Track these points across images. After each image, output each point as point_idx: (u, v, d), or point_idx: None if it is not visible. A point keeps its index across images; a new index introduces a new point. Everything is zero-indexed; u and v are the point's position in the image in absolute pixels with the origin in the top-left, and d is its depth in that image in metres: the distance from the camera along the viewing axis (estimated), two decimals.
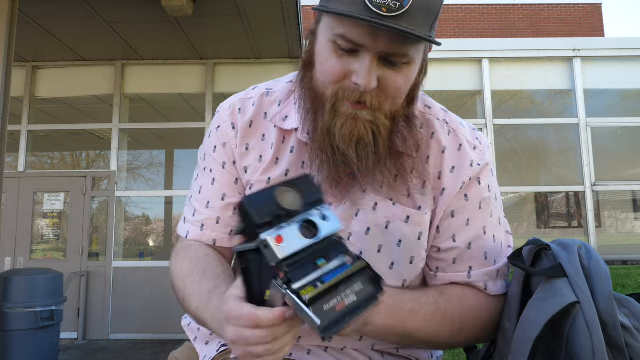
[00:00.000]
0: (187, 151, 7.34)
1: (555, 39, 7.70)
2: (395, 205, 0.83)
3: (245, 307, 0.60)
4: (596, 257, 0.75)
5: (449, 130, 0.88)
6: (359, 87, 0.72)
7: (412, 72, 0.77)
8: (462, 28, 10.47)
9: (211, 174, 0.93)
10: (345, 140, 0.75)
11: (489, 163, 0.88)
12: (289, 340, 0.62)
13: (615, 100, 7.31)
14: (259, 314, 0.59)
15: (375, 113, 0.75)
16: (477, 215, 0.86)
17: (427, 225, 0.84)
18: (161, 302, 5.72)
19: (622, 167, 7.20)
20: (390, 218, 0.83)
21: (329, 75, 0.75)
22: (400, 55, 0.72)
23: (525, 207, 7.19)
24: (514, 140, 7.31)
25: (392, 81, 0.74)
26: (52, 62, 6.15)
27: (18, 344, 3.71)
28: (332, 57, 0.74)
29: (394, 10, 0.68)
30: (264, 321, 0.58)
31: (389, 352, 0.90)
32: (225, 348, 0.90)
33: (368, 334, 0.78)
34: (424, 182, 0.84)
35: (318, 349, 0.85)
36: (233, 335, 0.61)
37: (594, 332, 0.67)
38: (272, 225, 0.60)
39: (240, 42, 5.54)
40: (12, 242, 5.84)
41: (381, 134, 0.76)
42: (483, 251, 0.86)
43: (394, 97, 0.75)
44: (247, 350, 0.61)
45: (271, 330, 0.59)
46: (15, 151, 6.07)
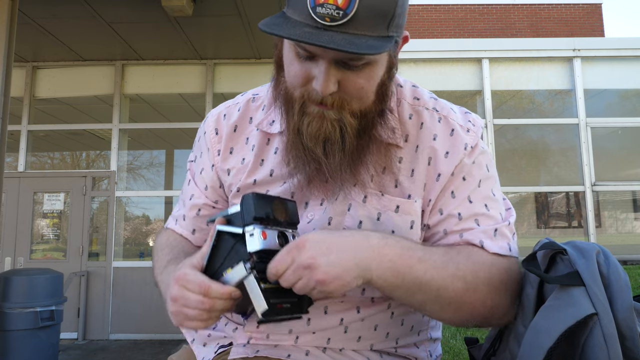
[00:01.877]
0: (187, 151, 7.32)
1: (555, 39, 7.70)
2: (383, 196, 0.84)
3: (201, 276, 0.71)
4: (615, 264, 0.71)
5: (440, 118, 0.87)
6: (318, 93, 0.73)
7: (375, 71, 0.76)
8: (462, 28, 10.47)
9: (191, 176, 1.01)
10: (312, 138, 0.77)
11: (481, 143, 0.88)
12: (216, 315, 0.71)
13: (615, 100, 7.31)
14: (212, 285, 0.69)
15: (342, 112, 0.76)
16: (476, 192, 0.85)
17: (418, 213, 0.84)
18: (161, 302, 5.70)
19: (622, 167, 7.20)
20: (380, 209, 0.83)
21: (294, 79, 0.77)
22: (356, 60, 0.72)
23: (525, 207, 7.19)
24: (514, 140, 7.31)
25: (353, 82, 0.74)
26: (52, 62, 6.15)
27: (18, 344, 3.71)
28: (295, 62, 0.76)
29: (337, 19, 0.67)
30: (213, 292, 0.69)
31: (387, 351, 0.89)
32: (224, 349, 0.90)
33: (376, 281, 0.73)
34: (412, 171, 0.85)
35: (316, 350, 0.84)
36: (177, 293, 0.72)
37: (611, 346, 0.64)
38: (262, 223, 0.71)
39: (240, 42, 5.54)
40: (12, 242, 5.84)
41: (348, 132, 0.77)
42: (474, 218, 0.84)
43: (358, 97, 0.76)
44: (182, 311, 0.72)
45: (212, 302, 0.69)
46: (15, 151, 6.07)
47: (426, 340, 0.95)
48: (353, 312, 0.85)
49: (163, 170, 7.25)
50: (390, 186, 0.85)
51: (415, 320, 0.92)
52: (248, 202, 0.71)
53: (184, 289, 0.71)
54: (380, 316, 0.86)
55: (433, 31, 10.53)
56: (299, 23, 0.69)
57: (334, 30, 0.68)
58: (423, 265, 0.74)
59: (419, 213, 0.84)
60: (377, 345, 0.87)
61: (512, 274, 0.81)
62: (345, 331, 0.85)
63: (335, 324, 0.84)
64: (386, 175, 0.85)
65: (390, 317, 0.87)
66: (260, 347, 0.84)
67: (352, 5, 0.67)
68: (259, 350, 0.83)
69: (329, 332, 0.84)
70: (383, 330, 0.87)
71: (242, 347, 0.85)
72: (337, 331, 0.84)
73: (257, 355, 0.82)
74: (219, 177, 0.95)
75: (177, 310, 0.73)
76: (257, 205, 0.71)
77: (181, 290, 0.71)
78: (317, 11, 0.68)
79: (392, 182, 0.85)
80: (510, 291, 0.79)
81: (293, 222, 0.77)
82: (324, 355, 0.84)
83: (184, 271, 0.73)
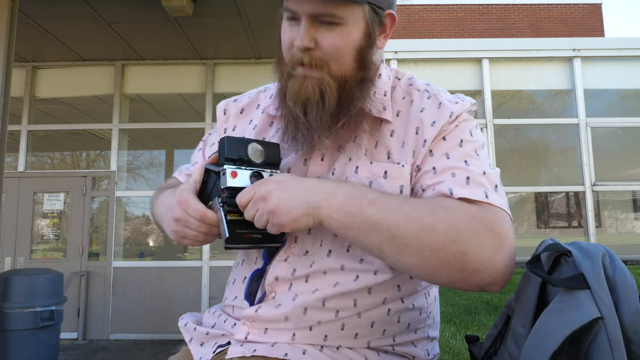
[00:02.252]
0: (187, 151, 7.34)
1: (555, 39, 7.70)
2: (372, 164, 0.87)
3: (199, 204, 0.83)
4: (621, 267, 0.70)
5: (429, 96, 0.92)
6: (298, 49, 0.82)
7: (348, 33, 0.82)
8: (462, 28, 10.47)
9: (202, 146, 1.12)
10: (293, 98, 0.84)
11: (467, 114, 0.90)
12: (210, 239, 0.86)
13: (615, 100, 7.31)
14: (207, 213, 0.82)
15: (322, 73, 0.83)
16: (456, 150, 0.84)
17: (407, 178, 0.86)
18: (161, 302, 5.72)
19: (622, 167, 7.20)
20: (370, 177, 0.87)
21: (285, 45, 0.86)
22: (329, 15, 0.80)
23: (525, 207, 7.19)
24: (514, 140, 7.31)
25: (327, 40, 0.82)
26: (52, 62, 6.15)
27: (18, 344, 3.71)
28: (286, 29, 0.86)
29: None
30: (207, 219, 0.82)
31: (385, 349, 0.89)
32: (222, 349, 0.89)
33: (327, 221, 0.77)
34: (403, 142, 0.89)
35: (313, 349, 0.84)
36: (179, 215, 0.83)
37: (616, 351, 0.62)
38: (235, 163, 0.83)
39: (240, 42, 5.54)
40: (12, 242, 5.84)
41: (328, 93, 0.83)
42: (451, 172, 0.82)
43: (335, 58, 0.83)
44: (182, 230, 0.84)
45: (206, 226, 0.82)
46: (15, 151, 6.07)
47: (424, 338, 0.95)
48: (350, 305, 0.84)
49: (163, 170, 7.25)
50: (382, 158, 0.89)
51: (411, 317, 0.91)
52: (222, 145, 0.83)
53: (185, 212, 0.83)
54: (376, 312, 0.86)
55: (433, 31, 10.53)
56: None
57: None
58: (374, 207, 0.76)
59: (408, 178, 0.86)
60: (374, 343, 0.87)
61: (485, 221, 0.75)
62: (342, 328, 0.85)
63: (331, 317, 0.84)
64: (379, 148, 0.89)
65: (387, 314, 0.87)
66: (257, 345, 0.84)
67: None
68: (256, 349, 0.83)
69: (326, 327, 0.84)
70: (380, 327, 0.87)
71: (239, 347, 0.85)
72: (333, 327, 0.84)
73: (255, 355, 0.82)
74: None
75: (178, 230, 0.85)
76: (229, 148, 0.82)
77: (183, 214, 0.83)
78: None
79: (384, 154, 0.89)
80: (485, 240, 0.74)
81: (273, 163, 0.86)
82: (320, 354, 0.83)
83: (186, 196, 0.84)
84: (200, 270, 5.81)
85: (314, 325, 0.84)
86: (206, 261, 5.82)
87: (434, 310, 0.98)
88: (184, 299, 5.72)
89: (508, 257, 0.75)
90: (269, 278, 0.87)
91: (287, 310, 0.84)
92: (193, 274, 5.81)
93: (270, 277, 0.87)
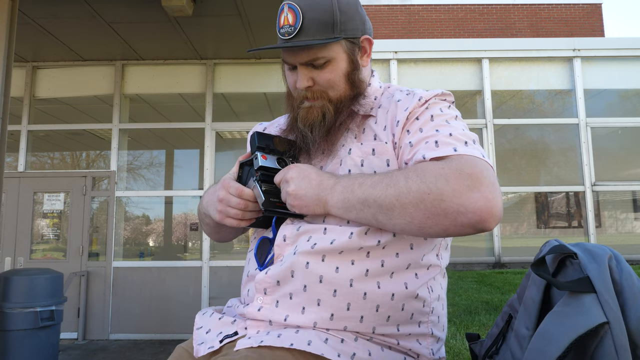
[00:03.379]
0: (187, 151, 7.34)
1: (555, 39, 7.70)
2: (362, 145, 1.03)
3: (237, 184, 1.03)
4: (628, 270, 0.69)
5: (408, 92, 1.07)
6: (300, 89, 1.05)
7: (336, 66, 1.04)
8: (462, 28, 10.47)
9: None
10: (303, 122, 1.06)
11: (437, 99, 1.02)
12: (248, 216, 1.03)
13: (615, 100, 7.31)
14: (244, 189, 1.01)
15: (323, 101, 1.05)
16: (428, 124, 0.96)
17: (391, 152, 1.00)
18: (161, 302, 5.72)
19: (622, 167, 7.20)
20: (361, 156, 1.02)
21: (290, 86, 1.10)
22: (317, 59, 1.02)
23: (525, 207, 7.19)
24: (514, 140, 7.31)
25: (321, 77, 1.03)
26: (52, 62, 6.15)
27: (18, 344, 3.71)
28: (289, 75, 1.09)
29: (291, 33, 1.01)
30: (244, 194, 1.01)
31: (389, 344, 0.92)
32: (230, 340, 0.93)
33: (332, 210, 0.94)
34: (385, 126, 1.04)
35: (318, 339, 0.87)
36: (223, 195, 1.02)
37: (622, 356, 0.62)
38: (264, 150, 1.04)
39: (240, 42, 5.54)
40: (12, 242, 5.84)
41: (327, 115, 1.04)
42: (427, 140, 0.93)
43: (330, 87, 1.04)
44: (225, 209, 1.02)
45: (244, 203, 1.01)
46: (15, 151, 6.07)
47: (428, 335, 0.98)
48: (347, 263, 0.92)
49: (163, 170, 7.24)
50: (369, 139, 1.04)
51: (415, 308, 0.95)
52: (253, 138, 1.07)
53: (227, 192, 1.02)
54: (380, 295, 0.91)
55: (433, 31, 10.53)
56: (272, 47, 1.05)
57: (292, 42, 1.00)
58: (361, 188, 0.90)
59: (392, 153, 1.00)
60: (379, 329, 0.91)
61: (453, 168, 0.83)
62: (347, 308, 0.90)
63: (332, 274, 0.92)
64: (366, 133, 1.06)
65: (391, 299, 0.92)
66: (263, 337, 0.88)
67: (298, 22, 1.00)
68: (263, 340, 0.86)
69: (332, 304, 0.90)
70: (384, 313, 0.92)
71: (247, 339, 0.89)
72: (340, 306, 0.90)
73: (262, 345, 0.86)
74: None
75: (222, 209, 1.03)
76: (259, 139, 1.05)
77: (225, 193, 1.02)
78: (281, 32, 1.02)
79: (371, 136, 1.05)
80: (456, 183, 0.81)
81: (293, 154, 1.08)
82: (325, 345, 0.86)
83: (227, 181, 1.04)
84: (200, 270, 5.81)
85: (322, 300, 0.90)
86: (206, 261, 5.82)
87: (437, 308, 1.01)
88: (184, 299, 5.72)
89: (489, 193, 0.80)
90: (278, 239, 1.00)
91: (290, 264, 0.94)
92: (193, 274, 5.81)
93: (279, 237, 1.00)
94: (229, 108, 6.65)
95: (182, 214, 6.88)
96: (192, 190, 6.45)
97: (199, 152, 6.53)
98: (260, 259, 1.02)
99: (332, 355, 0.85)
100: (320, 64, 1.02)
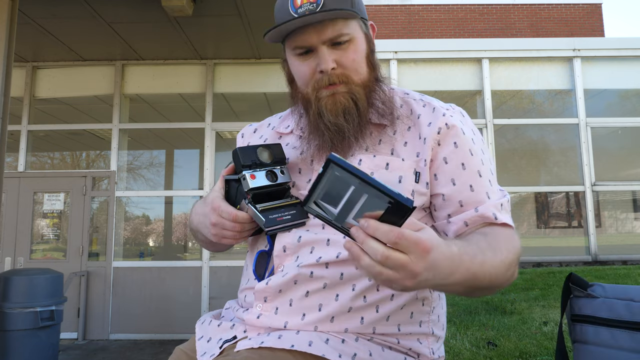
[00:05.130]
0: (187, 151, 7.34)
1: (555, 39, 7.70)
2: (375, 157, 0.97)
3: (229, 207, 0.95)
4: None
5: (424, 104, 1.03)
6: (325, 72, 0.95)
7: (357, 45, 0.97)
8: (462, 28, 10.47)
9: None
10: (332, 113, 0.96)
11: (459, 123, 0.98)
12: (244, 235, 0.97)
13: (615, 100, 7.31)
14: (238, 214, 0.93)
15: (348, 85, 0.96)
16: (469, 160, 0.95)
17: (406, 170, 0.95)
18: (161, 302, 5.72)
19: (622, 167, 7.20)
20: (373, 169, 0.96)
21: (303, 77, 0.99)
22: (342, 35, 0.95)
23: (525, 207, 7.19)
24: (514, 140, 7.31)
25: (346, 58, 0.96)
26: (52, 62, 6.15)
27: (18, 344, 3.71)
28: (300, 64, 0.99)
29: (314, 10, 0.92)
30: (239, 218, 0.93)
31: (389, 344, 0.92)
32: (229, 344, 0.92)
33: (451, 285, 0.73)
34: (406, 143, 0.99)
35: (319, 340, 0.87)
36: (216, 220, 0.95)
37: None
38: (251, 167, 0.97)
39: (240, 42, 5.54)
40: (12, 242, 5.84)
41: (359, 99, 0.97)
42: (484, 191, 0.94)
43: (354, 69, 0.97)
44: (221, 232, 0.96)
45: (239, 225, 0.94)
46: (15, 151, 6.07)
47: (429, 335, 0.98)
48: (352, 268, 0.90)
49: (163, 170, 7.25)
50: (386, 152, 0.99)
51: (415, 307, 0.95)
52: (235, 156, 0.98)
53: (220, 217, 0.95)
54: (380, 295, 0.91)
55: (433, 31, 10.52)
56: (287, 23, 0.93)
57: (311, 14, 0.91)
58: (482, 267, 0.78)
59: (408, 171, 0.95)
60: (379, 329, 0.91)
61: (517, 248, 0.89)
62: (348, 310, 0.90)
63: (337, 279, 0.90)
64: (382, 145, 1.00)
65: (390, 299, 0.92)
66: (264, 338, 0.87)
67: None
68: (264, 342, 0.86)
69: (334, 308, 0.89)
70: (385, 312, 0.91)
71: (247, 340, 0.89)
72: (341, 310, 0.90)
73: (262, 347, 0.85)
74: None
75: (217, 233, 0.97)
76: (242, 156, 0.97)
77: (218, 218, 0.95)
78: (298, 11, 0.93)
79: (388, 150, 0.99)
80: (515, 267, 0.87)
81: (280, 160, 1.01)
82: (326, 345, 0.86)
83: (217, 203, 0.96)
84: (200, 270, 5.81)
85: (323, 305, 0.90)
86: (206, 261, 5.82)
87: (437, 307, 1.01)
88: (184, 299, 5.72)
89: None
90: (277, 248, 0.96)
91: (294, 276, 0.91)
92: (193, 274, 5.81)
93: (278, 247, 0.96)
94: (229, 108, 6.65)
95: (182, 214, 6.88)
96: (192, 190, 6.45)
97: (199, 152, 6.53)
98: (259, 273, 0.99)
99: (333, 355, 0.85)
100: (344, 41, 0.95)
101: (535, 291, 5.24)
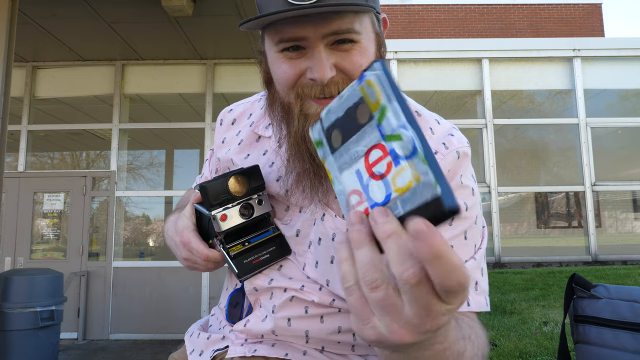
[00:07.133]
0: (187, 151, 7.34)
1: (555, 39, 7.70)
2: (336, 218, 0.80)
3: (200, 245, 0.82)
4: None
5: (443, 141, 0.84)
6: (317, 82, 0.70)
7: (366, 49, 0.73)
8: (462, 28, 10.48)
9: (209, 157, 1.10)
10: None
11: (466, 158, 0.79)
12: (217, 267, 0.85)
13: (615, 100, 7.31)
14: (210, 255, 0.81)
15: None
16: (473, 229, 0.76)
17: None
18: (161, 302, 5.72)
19: (622, 167, 7.20)
20: (335, 230, 0.79)
21: (284, 81, 0.75)
22: (349, 30, 0.70)
23: (525, 207, 7.19)
24: (514, 140, 7.31)
25: (348, 62, 0.72)
26: (52, 62, 6.15)
27: (18, 344, 3.71)
28: (283, 64, 0.74)
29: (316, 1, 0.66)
30: (211, 258, 0.80)
31: None
32: (220, 351, 0.89)
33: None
34: None
35: (314, 350, 0.83)
36: (186, 255, 0.84)
37: None
38: (221, 205, 0.82)
39: (240, 42, 5.54)
40: (12, 242, 5.84)
41: None
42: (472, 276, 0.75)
43: None
44: (193, 266, 0.85)
45: (213, 264, 0.82)
46: (15, 151, 6.07)
47: None
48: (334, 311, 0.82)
49: (163, 170, 7.25)
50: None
51: None
52: (203, 193, 0.83)
53: (191, 253, 0.84)
54: None
55: (433, 31, 10.53)
56: (278, 12, 0.67)
57: (315, 7, 0.65)
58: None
59: None
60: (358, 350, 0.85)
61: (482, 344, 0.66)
62: (338, 331, 0.82)
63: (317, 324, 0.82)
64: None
65: None
66: (257, 346, 0.84)
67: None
68: (257, 349, 0.83)
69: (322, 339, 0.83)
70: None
71: (239, 347, 0.85)
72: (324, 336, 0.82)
73: (255, 355, 0.82)
74: (216, 163, 1.01)
75: (189, 265, 0.86)
76: (210, 195, 0.81)
77: (189, 254, 0.84)
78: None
79: None
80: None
81: (257, 186, 0.84)
82: (321, 355, 0.82)
83: (187, 237, 0.84)
84: None
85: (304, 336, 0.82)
86: None
87: None
88: (184, 299, 5.72)
89: None
90: (248, 289, 0.86)
91: (272, 324, 0.82)
92: (193, 274, 5.81)
93: (249, 288, 0.86)
94: None
95: None
96: None
97: (199, 152, 6.53)
98: (234, 317, 0.89)
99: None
100: (348, 41, 0.71)
101: (535, 291, 5.25)
